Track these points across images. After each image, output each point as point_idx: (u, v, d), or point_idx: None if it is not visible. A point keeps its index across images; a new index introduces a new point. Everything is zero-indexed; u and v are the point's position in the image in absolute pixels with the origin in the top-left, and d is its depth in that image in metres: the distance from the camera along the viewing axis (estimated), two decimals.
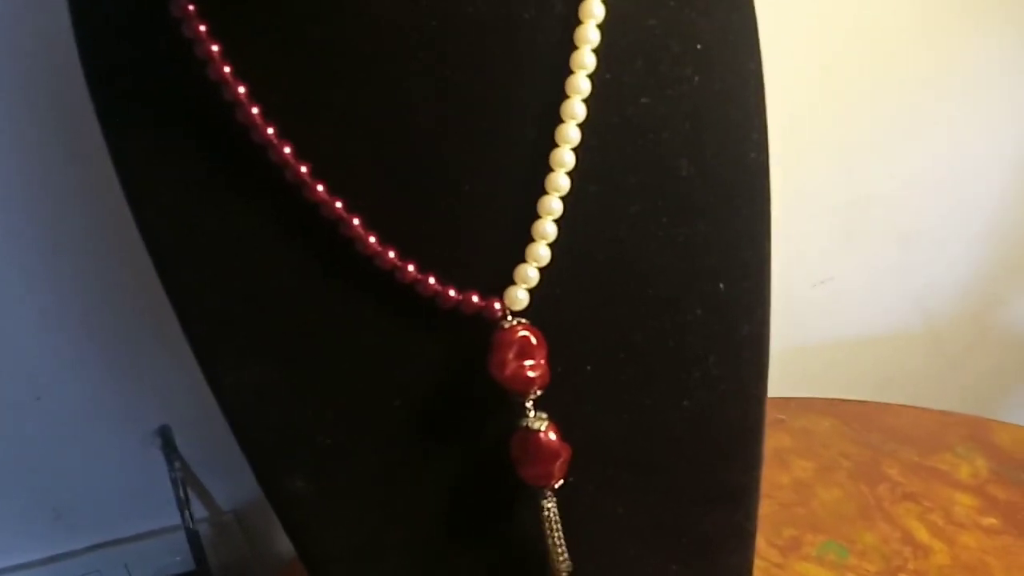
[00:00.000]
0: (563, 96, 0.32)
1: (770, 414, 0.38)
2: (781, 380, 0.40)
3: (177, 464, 0.71)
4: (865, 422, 0.62)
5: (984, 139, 0.72)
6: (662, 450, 0.37)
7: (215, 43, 0.30)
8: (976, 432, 0.60)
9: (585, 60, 0.32)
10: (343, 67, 0.32)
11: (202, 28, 0.30)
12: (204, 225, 0.32)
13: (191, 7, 0.30)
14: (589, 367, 0.35)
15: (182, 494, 0.71)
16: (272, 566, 0.77)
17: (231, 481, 0.74)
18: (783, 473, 0.59)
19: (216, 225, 0.32)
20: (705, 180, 0.34)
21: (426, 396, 0.34)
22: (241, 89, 0.30)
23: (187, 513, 0.71)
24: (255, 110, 0.30)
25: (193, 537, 0.71)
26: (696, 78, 0.34)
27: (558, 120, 0.32)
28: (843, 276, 0.74)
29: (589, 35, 0.32)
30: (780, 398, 0.66)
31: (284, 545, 0.77)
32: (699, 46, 0.34)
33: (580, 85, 0.32)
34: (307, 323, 0.33)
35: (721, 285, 0.35)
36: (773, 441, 0.61)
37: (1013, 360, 0.79)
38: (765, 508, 0.39)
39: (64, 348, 0.68)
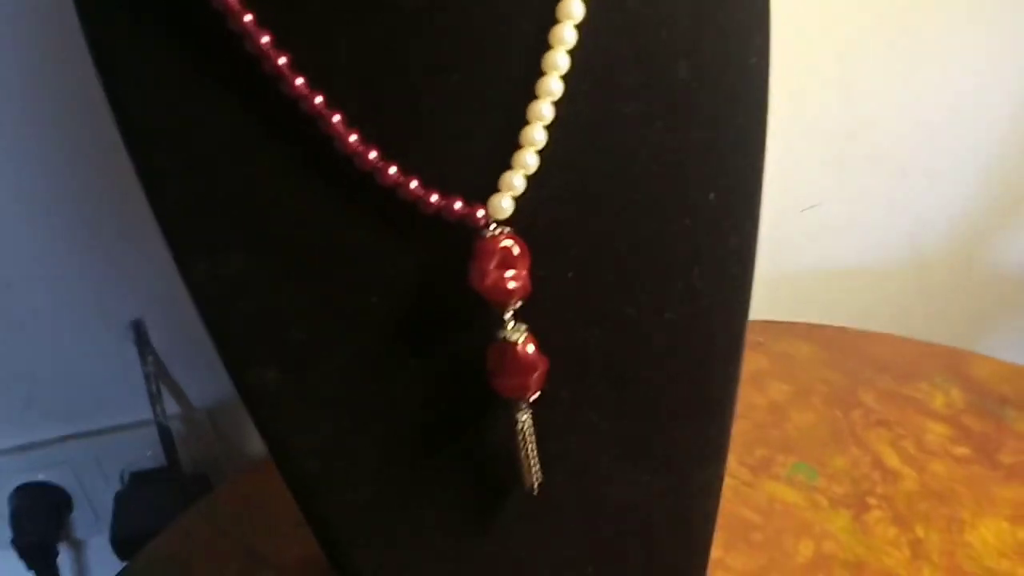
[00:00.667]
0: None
1: (750, 337, 0.38)
2: (763, 304, 0.39)
3: (150, 359, 0.71)
4: (844, 349, 0.62)
5: (984, 75, 0.71)
6: (641, 361, 0.36)
7: None
8: (954, 363, 0.60)
9: None
10: None
11: None
12: (179, 109, 0.31)
13: None
14: (571, 274, 0.34)
15: (154, 389, 0.70)
16: (243, 465, 0.77)
17: (204, 378, 0.74)
18: (759, 395, 0.59)
19: (192, 110, 0.31)
20: (703, 83, 0.33)
21: (404, 299, 0.33)
22: None
23: (159, 408, 0.71)
24: None
25: (164, 433, 0.71)
26: None
27: (554, 19, 0.30)
28: (833, 204, 0.73)
29: None
30: (761, 321, 0.65)
31: (256, 444, 0.77)
32: None
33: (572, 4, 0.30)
34: (284, 216, 0.32)
35: (711, 195, 0.34)
36: (751, 363, 0.61)
37: (998, 296, 0.79)
38: (739, 428, 0.39)
39: (34, 236, 0.67)
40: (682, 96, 0.33)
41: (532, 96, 0.31)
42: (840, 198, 0.73)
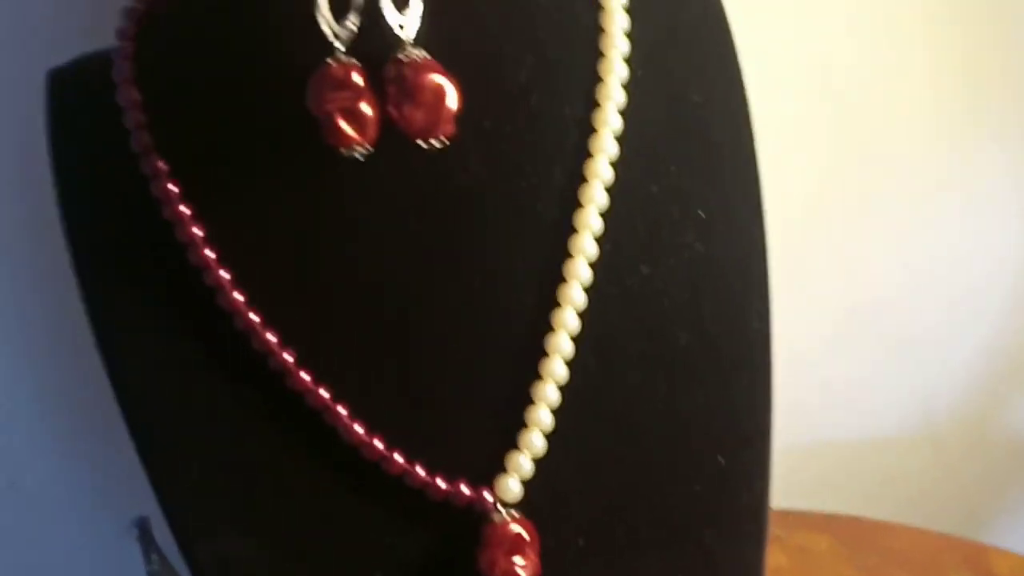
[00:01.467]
0: (560, 276, 0.31)
1: None
2: (775, 484, 0.38)
3: (154, 557, 0.69)
4: (863, 542, 0.61)
5: (987, 242, 0.71)
6: None
7: (198, 227, 0.29)
8: (975, 559, 0.58)
9: (586, 243, 0.31)
10: (328, 239, 0.31)
11: (184, 210, 0.29)
12: (183, 396, 0.31)
13: (174, 188, 0.29)
14: (581, 541, 0.33)
15: None
16: None
17: None
18: None
19: (195, 397, 0.31)
20: (705, 350, 0.33)
21: None
22: (224, 275, 0.29)
23: None
24: (239, 297, 0.29)
25: None
26: (697, 245, 0.33)
27: (555, 303, 0.31)
28: (842, 379, 0.73)
29: (596, 196, 0.31)
30: (777, 511, 0.64)
31: None
32: (701, 213, 0.33)
33: (579, 270, 0.31)
34: (287, 500, 0.32)
35: (720, 458, 0.34)
36: (769, 559, 0.59)
37: (1014, 464, 0.78)
38: None
39: (38, 435, 0.66)
40: (685, 364, 0.33)
41: (536, 376, 0.31)
42: (847, 373, 0.73)
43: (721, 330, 0.33)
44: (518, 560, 0.30)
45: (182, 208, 0.29)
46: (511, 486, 0.31)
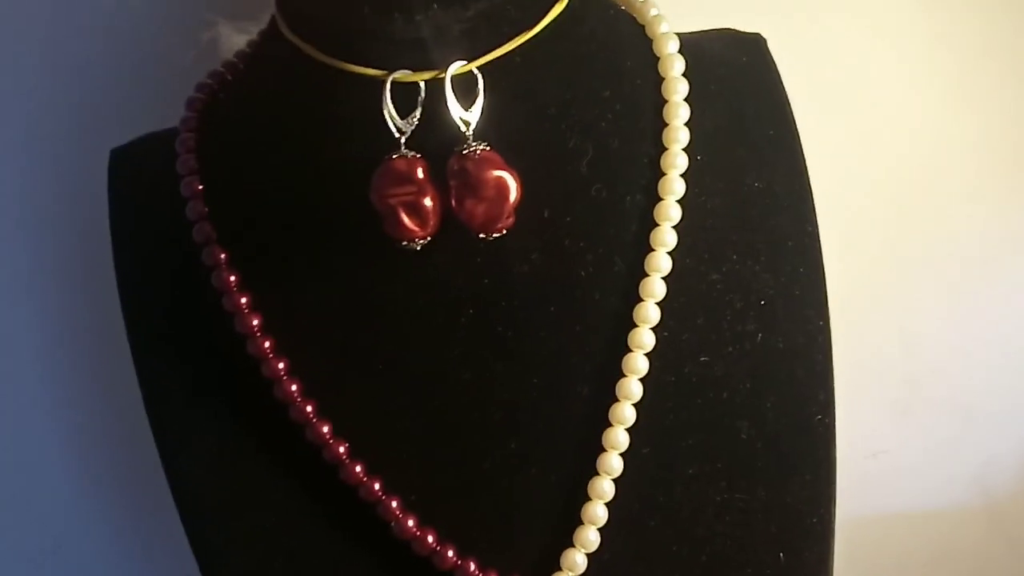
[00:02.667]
0: (619, 370, 0.30)
1: None
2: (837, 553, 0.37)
3: None
4: None
5: None
6: None
7: (255, 317, 0.29)
8: None
9: (644, 337, 0.30)
10: (382, 328, 0.30)
11: (242, 300, 0.29)
12: (235, 485, 0.31)
13: (233, 279, 0.29)
14: None
15: None
16: None
17: None
18: None
19: (247, 486, 0.31)
20: (767, 443, 0.32)
21: None
22: (280, 365, 0.29)
23: None
24: (293, 388, 0.29)
25: None
26: (759, 335, 0.32)
27: (613, 397, 0.30)
28: (899, 449, 0.71)
29: (656, 289, 0.31)
30: None
31: None
32: (763, 302, 0.32)
33: (638, 364, 0.30)
34: None
35: (781, 554, 0.33)
36: None
37: None
38: None
39: (82, 500, 0.67)
40: (746, 456, 0.32)
41: (593, 471, 0.31)
42: (907, 444, 0.71)
43: (783, 422, 0.32)
44: None
45: (241, 300, 0.29)
46: None
